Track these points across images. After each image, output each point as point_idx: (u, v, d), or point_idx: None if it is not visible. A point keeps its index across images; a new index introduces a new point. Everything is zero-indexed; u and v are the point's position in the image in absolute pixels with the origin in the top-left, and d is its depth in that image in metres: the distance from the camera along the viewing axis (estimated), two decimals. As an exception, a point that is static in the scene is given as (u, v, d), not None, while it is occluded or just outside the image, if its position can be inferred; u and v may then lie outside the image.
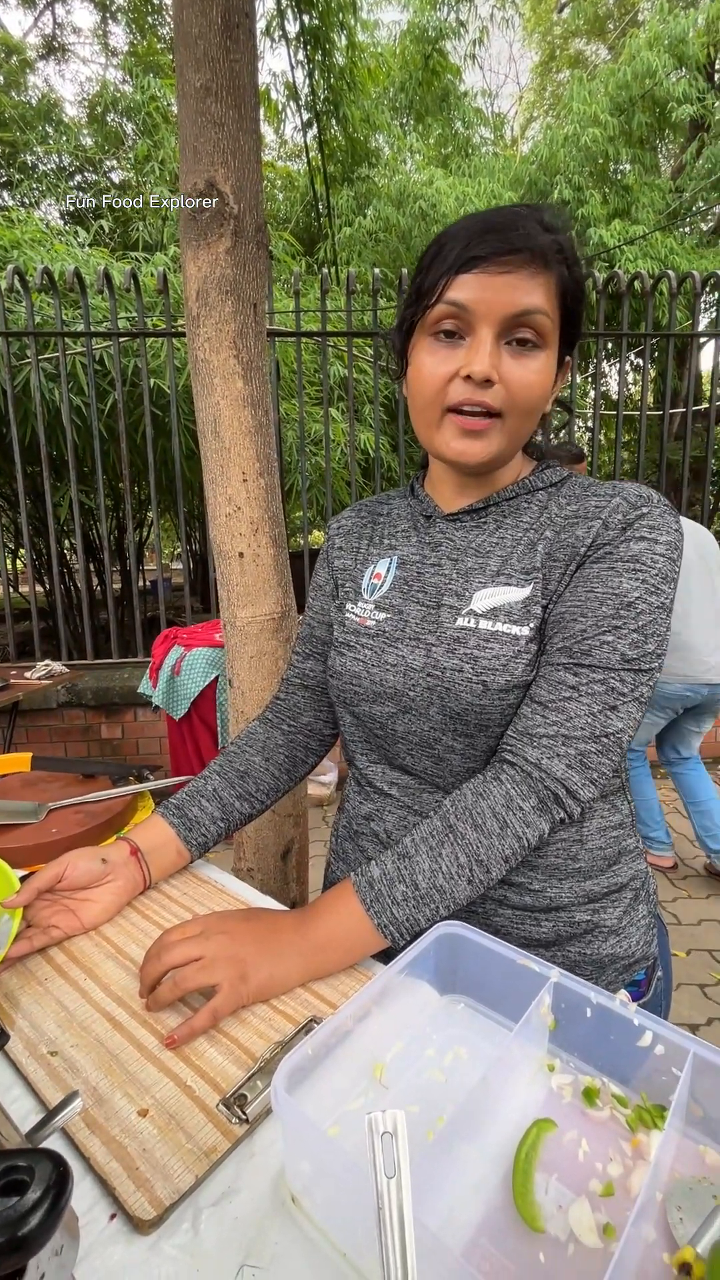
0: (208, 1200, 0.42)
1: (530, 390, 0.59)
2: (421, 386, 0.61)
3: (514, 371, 0.58)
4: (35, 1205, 0.20)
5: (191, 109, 1.06)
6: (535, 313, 0.57)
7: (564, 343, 0.62)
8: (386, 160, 8.19)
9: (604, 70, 7.91)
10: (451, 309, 0.58)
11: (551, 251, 0.57)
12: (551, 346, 0.60)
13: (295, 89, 7.04)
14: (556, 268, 0.58)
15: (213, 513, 1.27)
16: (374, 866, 0.59)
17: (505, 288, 0.56)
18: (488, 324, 0.57)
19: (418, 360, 0.62)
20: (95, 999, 0.58)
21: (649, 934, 0.68)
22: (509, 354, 0.58)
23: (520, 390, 0.59)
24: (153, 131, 6.62)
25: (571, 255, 0.59)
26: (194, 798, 0.77)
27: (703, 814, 2.44)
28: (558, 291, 0.59)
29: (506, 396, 0.59)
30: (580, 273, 0.60)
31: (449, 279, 0.58)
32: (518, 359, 0.58)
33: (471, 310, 0.57)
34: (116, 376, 3.14)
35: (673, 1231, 0.38)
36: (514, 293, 0.56)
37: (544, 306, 0.57)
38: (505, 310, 0.57)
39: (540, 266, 0.57)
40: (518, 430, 0.61)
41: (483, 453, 0.61)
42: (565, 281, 0.59)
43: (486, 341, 0.57)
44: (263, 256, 1.16)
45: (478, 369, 0.57)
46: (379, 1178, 0.28)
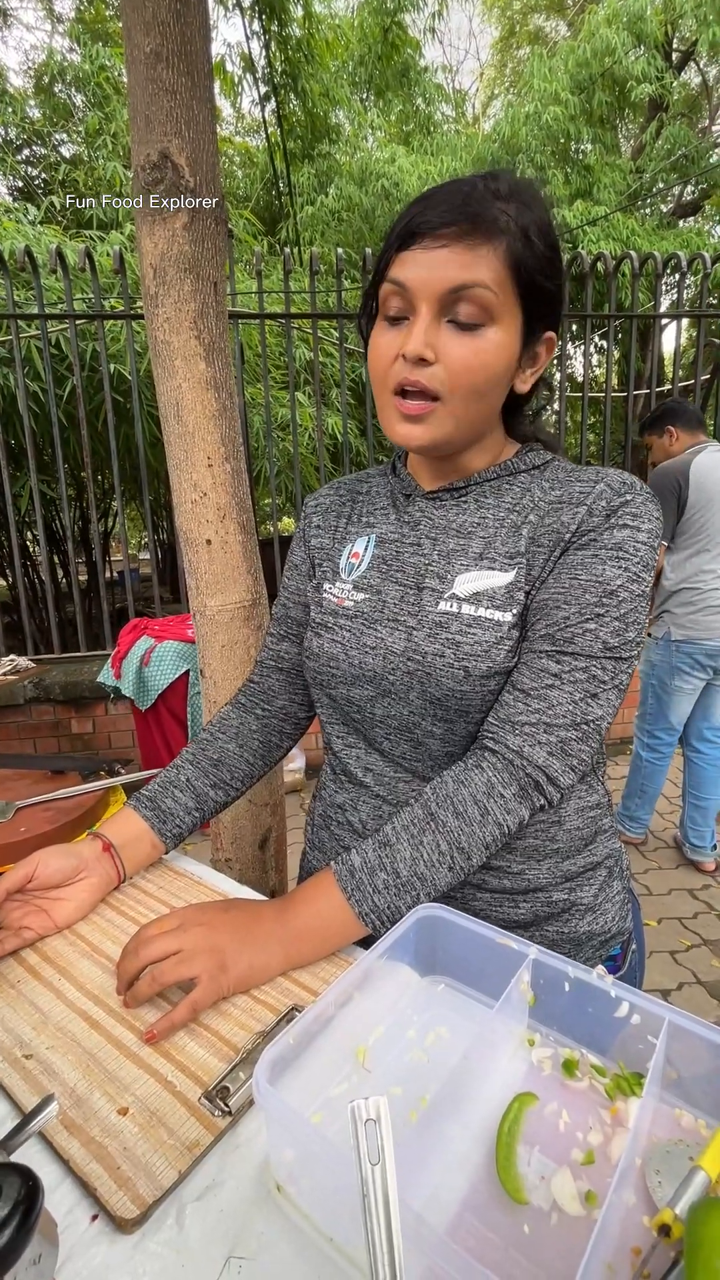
0: (191, 1195, 0.41)
1: (471, 370, 0.57)
2: (373, 368, 0.61)
3: (453, 350, 0.56)
4: (3, 1223, 0.19)
5: (141, 76, 1.02)
6: (473, 287, 0.54)
7: (534, 317, 0.59)
8: (347, 137, 8.03)
9: (564, 47, 7.88)
10: (394, 288, 0.57)
11: (497, 220, 0.54)
12: (503, 322, 0.57)
13: (251, 61, 6.83)
14: (504, 238, 0.55)
15: (178, 499, 1.24)
16: (354, 855, 0.59)
17: (440, 263, 0.54)
18: (425, 301, 0.56)
19: (372, 343, 0.61)
20: (70, 998, 0.57)
21: (624, 909, 0.69)
22: (450, 332, 0.56)
23: (460, 371, 0.56)
24: (104, 103, 6.36)
25: (529, 223, 0.56)
26: (167, 788, 0.75)
27: (700, 810, 2.43)
28: (508, 263, 0.55)
29: (446, 377, 0.57)
30: (542, 241, 0.57)
31: (392, 256, 0.57)
32: (459, 337, 0.56)
33: (409, 288, 0.56)
34: (74, 360, 3.04)
35: (652, 1195, 0.39)
36: (448, 268, 0.54)
37: (486, 280, 0.55)
38: (440, 286, 0.55)
39: (481, 238, 0.54)
40: (465, 413, 0.59)
41: (423, 437, 0.60)
42: (518, 252, 0.55)
43: (424, 319, 0.56)
44: (222, 233, 1.12)
45: (410, 348, 0.56)
46: (363, 1165, 0.28)
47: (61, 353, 3.66)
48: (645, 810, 2.57)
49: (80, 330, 3.50)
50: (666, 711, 2.41)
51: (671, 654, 2.33)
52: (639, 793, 2.55)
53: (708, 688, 2.38)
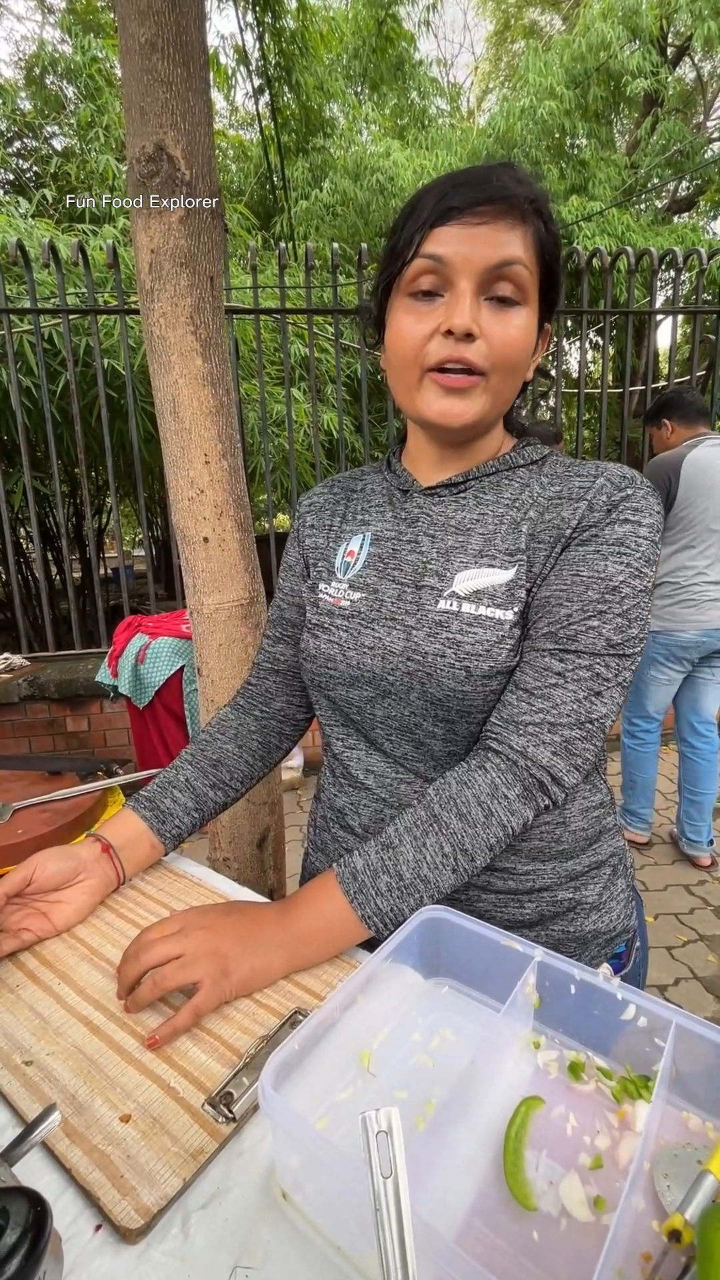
0: (196, 1203, 0.41)
1: (512, 346, 0.57)
2: (401, 348, 0.59)
3: (495, 327, 0.56)
4: (13, 1250, 0.19)
5: (136, 66, 1.00)
6: (515, 263, 0.55)
7: (543, 305, 0.61)
8: (342, 130, 7.98)
9: (559, 41, 7.84)
10: (429, 263, 0.56)
11: (527, 202, 0.56)
12: (532, 304, 0.58)
13: (245, 53, 6.78)
14: (533, 220, 0.56)
15: (175, 497, 1.23)
16: (357, 857, 0.58)
17: (483, 239, 0.54)
18: (467, 277, 0.55)
19: (395, 322, 0.60)
20: (70, 1003, 0.56)
21: (628, 907, 0.69)
22: (490, 309, 0.57)
23: (503, 346, 0.57)
24: (96, 95, 6.29)
25: (546, 210, 0.58)
26: (166, 789, 0.74)
27: (696, 805, 2.43)
28: (535, 245, 0.57)
29: (489, 353, 0.57)
30: (555, 230, 0.59)
31: (425, 233, 0.56)
32: (498, 314, 0.57)
33: (449, 263, 0.55)
34: (68, 356, 3.01)
35: (661, 1199, 0.39)
36: (492, 243, 0.55)
37: (523, 258, 0.56)
38: (485, 261, 0.55)
39: (518, 218, 0.55)
40: (501, 390, 0.59)
41: (466, 412, 0.59)
42: (542, 236, 0.57)
43: (467, 294, 0.55)
44: (218, 226, 1.11)
45: (458, 322, 0.55)
46: (376, 1178, 0.28)
47: (55, 348, 3.63)
48: (641, 804, 2.57)
49: (73, 325, 3.47)
50: (643, 700, 2.44)
51: (648, 644, 2.34)
52: (630, 785, 2.57)
53: (692, 680, 2.39)
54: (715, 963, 1.98)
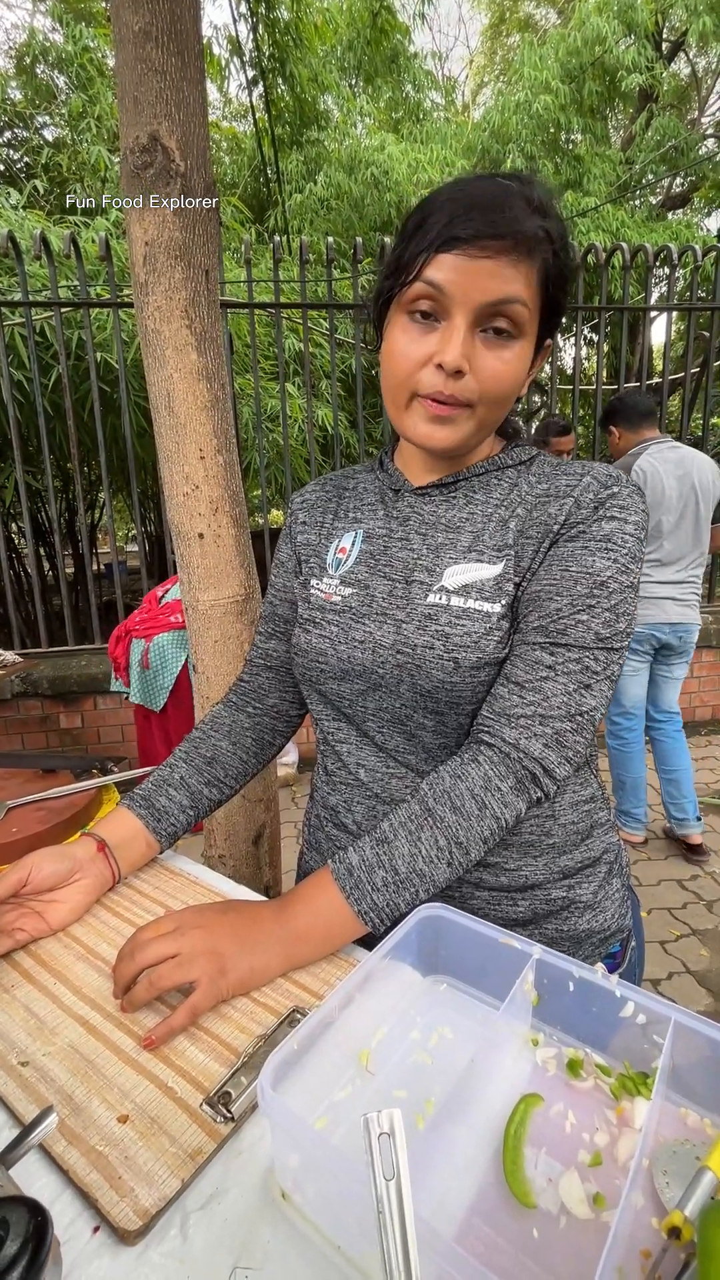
0: (195, 1204, 0.41)
1: (501, 382, 0.58)
2: (394, 366, 0.59)
3: (486, 362, 0.57)
4: (14, 1261, 0.18)
5: (130, 55, 0.99)
6: (513, 302, 0.55)
7: (546, 328, 0.61)
8: (336, 123, 7.93)
9: (554, 35, 7.81)
10: (428, 289, 0.56)
11: (537, 239, 0.55)
12: (528, 335, 0.58)
13: (239, 44, 6.72)
14: (541, 255, 0.56)
15: (169, 492, 1.22)
16: (352, 853, 0.58)
17: (484, 274, 0.54)
18: (463, 311, 0.55)
19: (391, 337, 0.60)
20: (66, 1003, 0.56)
21: (623, 906, 0.69)
22: (483, 342, 0.57)
23: (491, 382, 0.57)
24: (88, 85, 6.22)
25: (560, 241, 0.57)
26: (161, 787, 0.74)
27: (672, 782, 2.49)
28: (539, 280, 0.57)
29: (477, 388, 0.57)
30: (567, 259, 0.59)
31: (428, 257, 0.55)
32: (491, 349, 0.57)
33: (448, 293, 0.55)
34: (60, 349, 2.98)
35: (660, 1196, 0.39)
36: (493, 280, 0.54)
37: (523, 296, 0.55)
38: (482, 298, 0.55)
39: (523, 254, 0.55)
40: (488, 418, 0.60)
41: (448, 439, 0.60)
42: (549, 269, 0.57)
43: (460, 329, 0.55)
44: (213, 219, 1.10)
45: (449, 359, 0.55)
46: (378, 1181, 0.28)
47: (46, 341, 3.59)
48: (633, 803, 2.58)
49: (65, 318, 3.43)
50: (619, 696, 2.49)
51: None
52: (620, 786, 2.59)
53: (651, 678, 2.49)
54: (708, 957, 2.00)
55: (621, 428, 2.39)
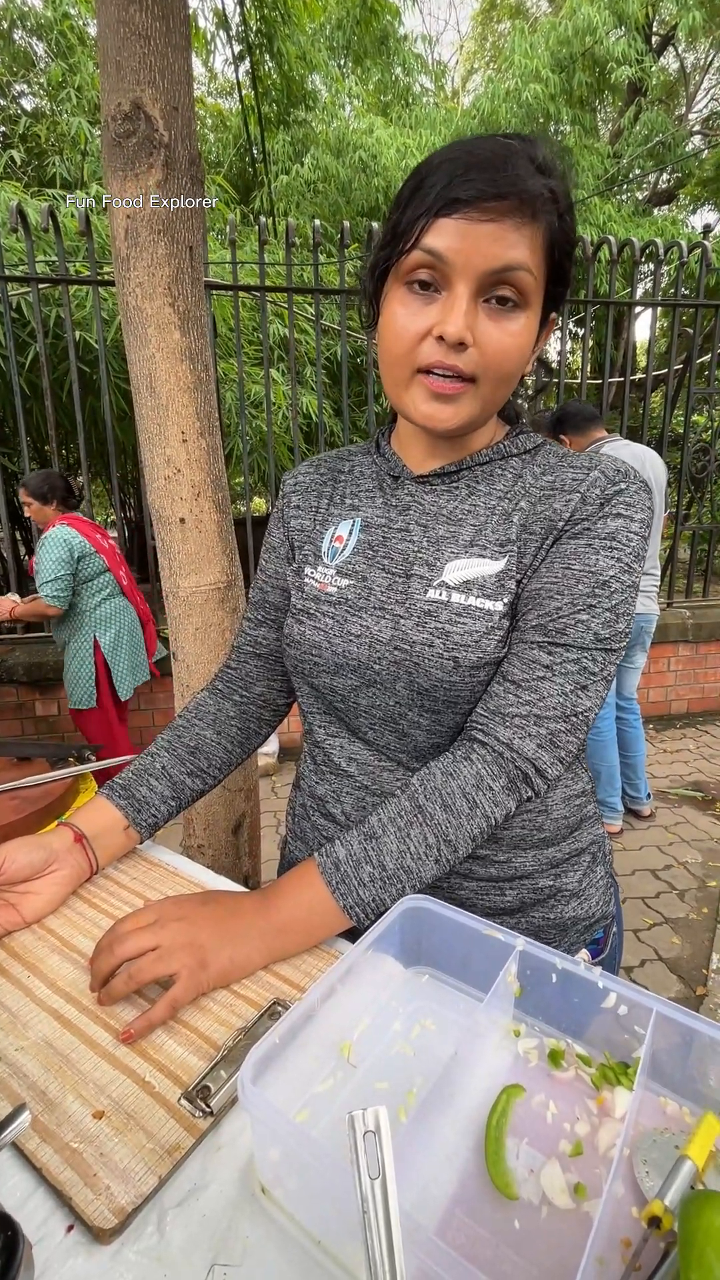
0: (173, 1200, 0.40)
1: (507, 355, 0.55)
2: (392, 342, 0.56)
3: (490, 334, 0.54)
4: (-21, 1277, 0.17)
5: (112, 17, 0.95)
6: (518, 269, 0.52)
7: (549, 299, 0.58)
8: (324, 104, 7.79)
9: (545, 23, 7.76)
10: (427, 258, 0.52)
11: (542, 199, 0.52)
12: (534, 305, 0.55)
13: (225, 17, 6.55)
14: (546, 217, 0.53)
15: (150, 475, 1.19)
16: (339, 847, 0.57)
17: (487, 239, 0.51)
18: (465, 279, 0.52)
19: (390, 311, 0.56)
20: (40, 996, 0.54)
21: (607, 894, 0.69)
22: (486, 313, 0.54)
23: (496, 355, 0.54)
24: (67, 54, 6.02)
25: (565, 202, 0.54)
26: (141, 776, 0.72)
27: (630, 765, 2.77)
28: (545, 244, 0.53)
29: (480, 361, 0.54)
30: (572, 221, 0.55)
31: (427, 222, 0.52)
32: (496, 320, 0.54)
33: (448, 261, 0.52)
34: (37, 327, 2.90)
35: (640, 1185, 0.39)
36: (496, 245, 0.51)
37: (528, 262, 0.52)
38: (486, 265, 0.51)
39: (528, 216, 0.51)
40: (491, 396, 0.57)
41: (452, 418, 0.57)
42: (554, 232, 0.54)
43: (463, 299, 0.52)
44: (198, 193, 1.07)
45: (451, 331, 0.52)
46: (363, 1180, 0.27)
47: (23, 318, 3.49)
48: (609, 793, 2.65)
49: (43, 295, 3.34)
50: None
51: None
52: (595, 775, 2.64)
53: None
54: (679, 944, 2.05)
55: (570, 434, 2.49)
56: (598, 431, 2.48)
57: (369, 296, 0.61)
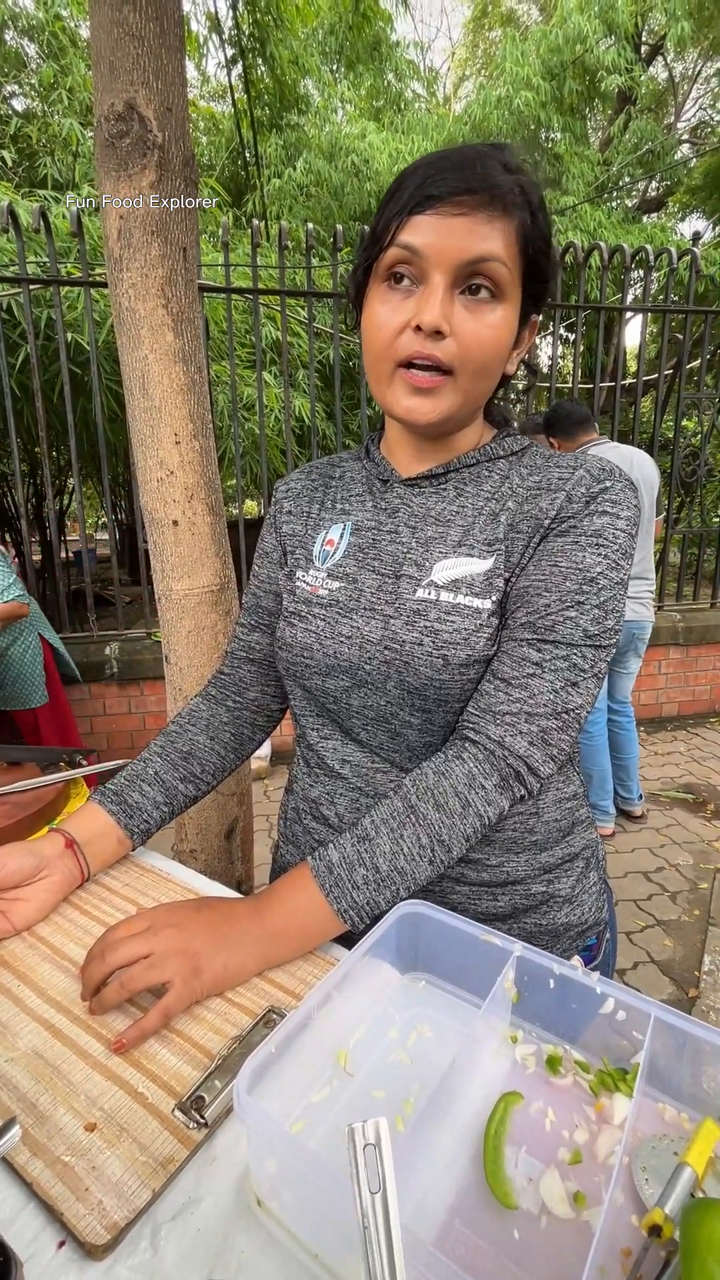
0: (166, 1214, 0.39)
1: (483, 345, 0.55)
2: (374, 337, 0.57)
3: (467, 324, 0.54)
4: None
5: (106, 18, 0.94)
6: (492, 260, 0.53)
7: (529, 298, 0.59)
8: (317, 108, 7.81)
9: (536, 32, 7.82)
10: (403, 253, 0.54)
11: (513, 194, 0.53)
12: (511, 300, 0.56)
13: (218, 21, 6.56)
14: (518, 213, 0.54)
15: (143, 478, 1.18)
16: (332, 850, 0.57)
17: (460, 231, 0.52)
18: (440, 270, 0.53)
19: (370, 309, 0.58)
20: (31, 1006, 0.53)
21: (600, 900, 0.69)
22: (463, 304, 0.55)
23: (473, 345, 0.55)
24: (59, 55, 6.00)
25: (536, 199, 0.56)
26: (134, 782, 0.72)
27: (623, 767, 2.77)
28: (518, 239, 0.55)
29: (458, 351, 0.55)
30: (545, 220, 0.57)
31: (402, 220, 0.53)
32: (472, 311, 0.55)
33: (424, 255, 0.53)
34: (28, 328, 2.88)
35: (639, 1193, 0.39)
36: (469, 237, 0.52)
37: (501, 254, 0.53)
38: (459, 256, 0.53)
39: (499, 210, 0.53)
40: (471, 390, 0.58)
41: (432, 411, 0.57)
42: (527, 228, 0.55)
43: (438, 290, 0.53)
44: (192, 194, 1.06)
45: (427, 319, 0.53)
46: (363, 1194, 0.27)
47: (14, 319, 3.47)
48: (600, 795, 2.66)
49: (35, 296, 3.31)
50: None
51: None
52: (587, 778, 2.66)
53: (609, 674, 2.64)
54: (672, 947, 2.05)
55: (559, 438, 2.49)
56: (586, 434, 2.48)
57: (353, 299, 0.62)
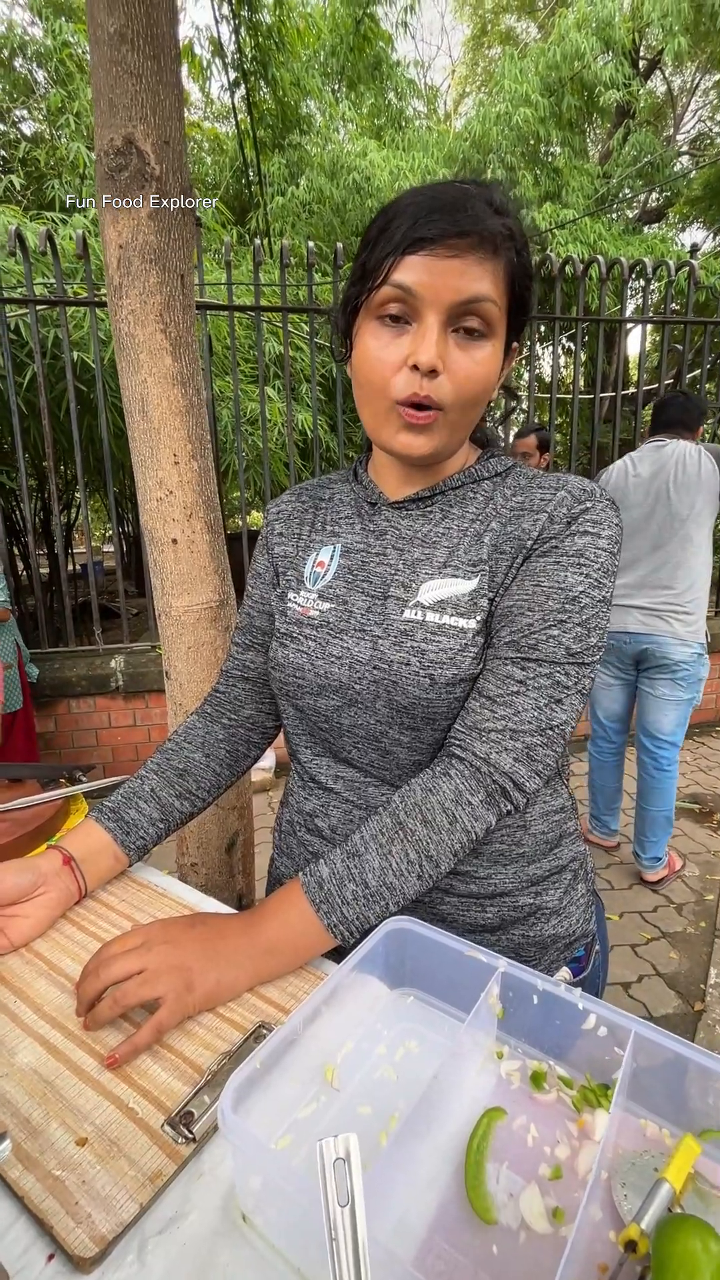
0: (154, 1228, 0.40)
1: (474, 381, 0.57)
2: (369, 374, 0.59)
3: (460, 362, 0.57)
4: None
5: (105, 57, 0.98)
6: (483, 300, 0.55)
7: (511, 329, 0.61)
8: (319, 128, 7.95)
9: (534, 49, 7.94)
10: (397, 292, 0.55)
11: (501, 237, 0.55)
12: (499, 335, 0.58)
13: (221, 45, 6.70)
14: (506, 254, 0.56)
15: (143, 497, 1.21)
16: (323, 866, 0.58)
17: (453, 273, 0.54)
18: (434, 310, 0.55)
19: (363, 344, 0.59)
20: (26, 1021, 0.54)
21: (588, 911, 0.70)
22: (455, 342, 0.57)
23: (464, 382, 0.57)
24: (66, 81, 6.15)
25: (521, 240, 0.58)
26: (131, 799, 0.73)
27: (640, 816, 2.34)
28: (506, 278, 0.57)
29: (451, 389, 0.57)
30: (528, 257, 0.59)
31: (395, 260, 0.55)
32: (464, 349, 0.57)
33: (418, 294, 0.55)
34: (35, 347, 2.93)
35: (618, 1209, 0.40)
36: (462, 279, 0.54)
37: (492, 294, 0.55)
38: (453, 297, 0.54)
39: (489, 252, 0.55)
40: (459, 422, 0.60)
41: (426, 446, 0.60)
42: (514, 268, 0.57)
43: (433, 329, 0.55)
44: (189, 223, 1.09)
45: (424, 359, 0.55)
46: (331, 1207, 0.27)
47: (21, 339, 3.53)
48: (599, 809, 2.59)
49: (41, 316, 3.38)
50: (594, 705, 2.48)
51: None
52: (590, 789, 2.61)
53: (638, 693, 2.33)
54: (677, 959, 2.03)
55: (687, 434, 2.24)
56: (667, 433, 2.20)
57: (342, 331, 0.63)
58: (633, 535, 2.20)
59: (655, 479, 2.17)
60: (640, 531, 2.20)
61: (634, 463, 2.25)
